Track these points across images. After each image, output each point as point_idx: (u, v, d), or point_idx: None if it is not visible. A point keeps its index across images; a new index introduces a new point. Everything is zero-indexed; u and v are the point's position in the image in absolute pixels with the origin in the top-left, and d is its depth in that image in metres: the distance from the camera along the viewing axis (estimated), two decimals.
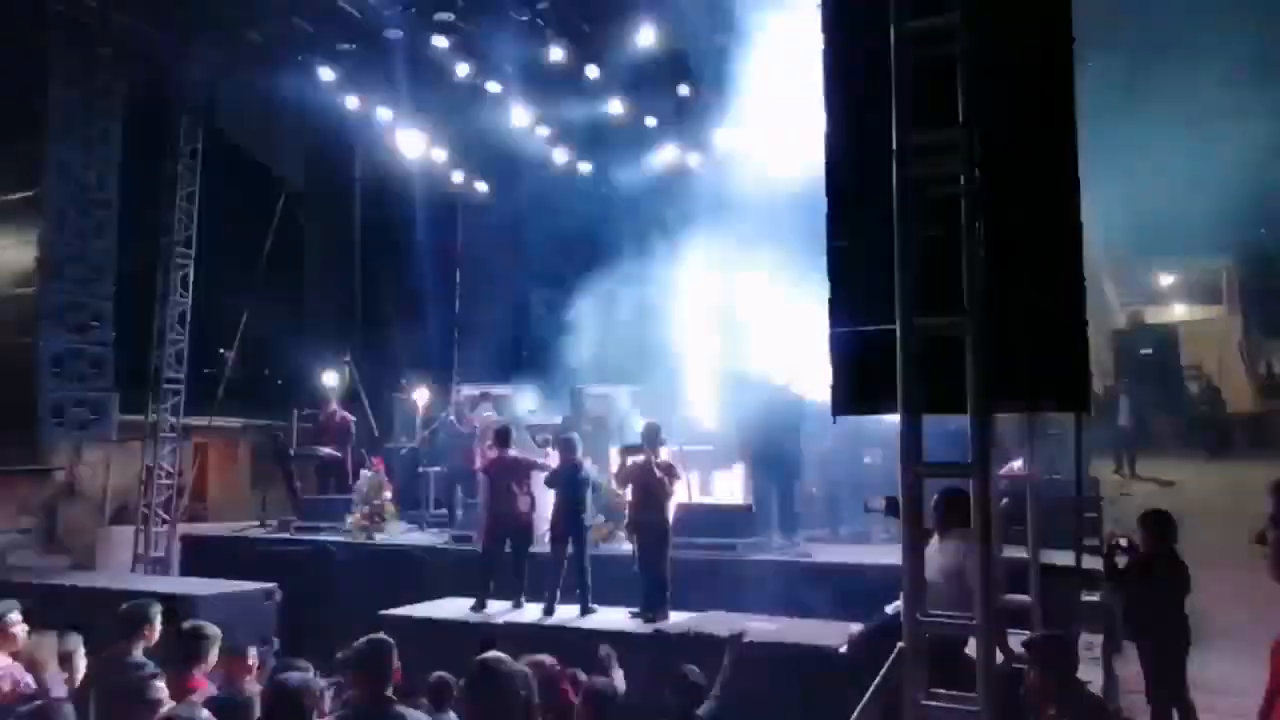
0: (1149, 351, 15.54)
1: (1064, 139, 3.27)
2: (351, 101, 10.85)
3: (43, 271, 8.48)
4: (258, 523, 10.85)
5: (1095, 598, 4.85)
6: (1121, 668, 4.62)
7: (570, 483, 6.77)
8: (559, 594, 6.64)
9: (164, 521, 10.15)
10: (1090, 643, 4.80)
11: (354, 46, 9.76)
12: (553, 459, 7.25)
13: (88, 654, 4.23)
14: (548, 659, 4.13)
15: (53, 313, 8.54)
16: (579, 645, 5.16)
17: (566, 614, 6.53)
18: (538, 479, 7.14)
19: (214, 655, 4.12)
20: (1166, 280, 20.55)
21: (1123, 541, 4.67)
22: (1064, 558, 5.54)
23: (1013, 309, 3.21)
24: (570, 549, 6.69)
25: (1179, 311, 20.12)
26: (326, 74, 10.37)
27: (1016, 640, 3.68)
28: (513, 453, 7.21)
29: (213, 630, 4.17)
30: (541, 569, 6.81)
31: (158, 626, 4.29)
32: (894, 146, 3.26)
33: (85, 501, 11.33)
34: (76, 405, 8.71)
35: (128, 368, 9.77)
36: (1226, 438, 13.57)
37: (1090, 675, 4.50)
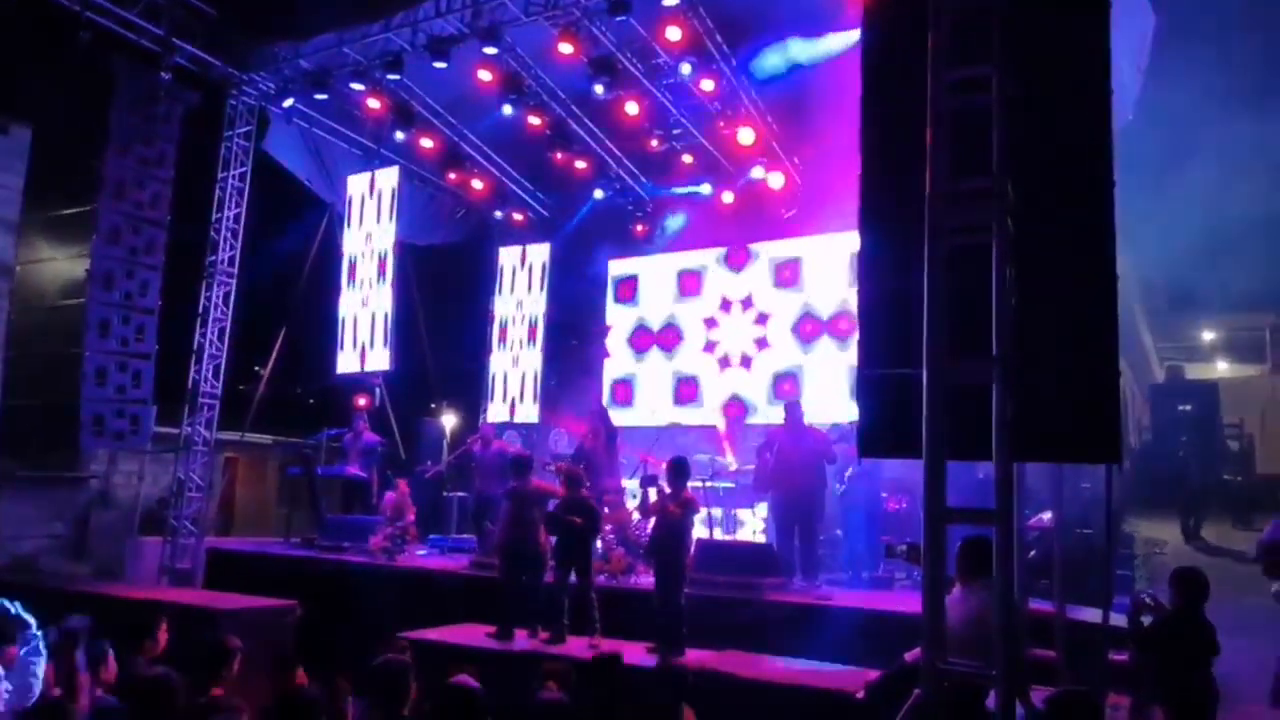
0: (1188, 407, 15.17)
1: (1100, 189, 3.28)
2: (397, 129, 11.16)
3: (92, 284, 8.75)
4: (282, 539, 10.98)
5: (1124, 657, 4.73)
6: None
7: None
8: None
9: (192, 534, 10.28)
10: (1117, 703, 4.67)
11: (401, 77, 10.04)
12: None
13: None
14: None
15: (99, 325, 8.79)
16: None
17: (579, 645, 6.49)
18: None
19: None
20: (1209, 336, 20.17)
21: (1148, 600, 4.56)
22: (1093, 614, 5.42)
23: (1043, 357, 3.20)
24: (573, 579, 6.72)
25: (1221, 368, 19.71)
26: (373, 102, 10.70)
27: (1040, 696, 3.60)
28: (533, 481, 7.23)
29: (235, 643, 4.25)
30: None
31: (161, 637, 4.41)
32: (928, 192, 3.29)
33: (117, 511, 11.56)
34: (116, 416, 8.93)
35: (166, 380, 9.99)
36: (1252, 507, 13.07)
37: None
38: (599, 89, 9.63)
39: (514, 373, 13.39)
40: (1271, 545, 5.67)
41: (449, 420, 14.16)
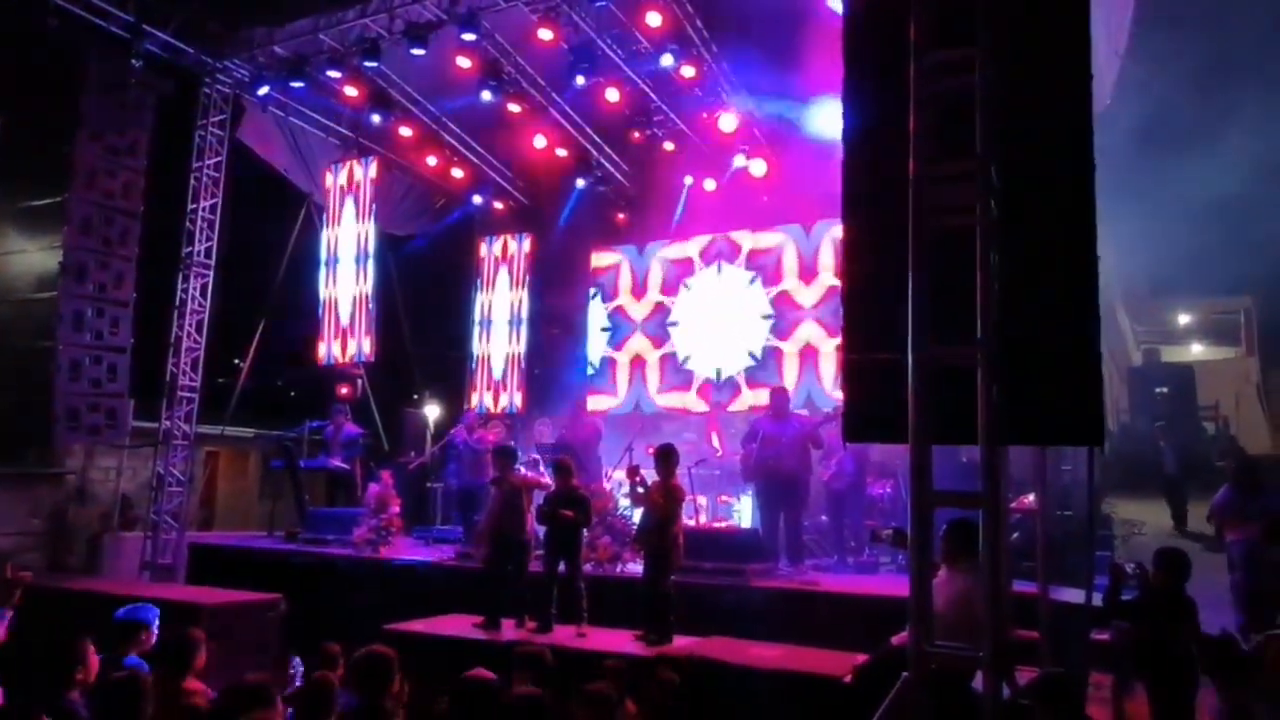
0: (1164, 390, 15.38)
1: (1081, 173, 3.28)
2: (374, 116, 11.03)
3: (65, 276, 8.60)
4: (265, 533, 10.89)
5: (1105, 636, 4.79)
6: (1131, 707, 4.55)
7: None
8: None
9: (173, 529, 10.18)
10: (1099, 682, 4.73)
11: (378, 64, 9.91)
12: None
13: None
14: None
15: (72, 317, 8.65)
16: (579, 665, 5.12)
17: (566, 634, 6.48)
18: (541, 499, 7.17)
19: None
20: (1185, 319, 20.47)
21: (1129, 566, 4.61)
22: (1075, 595, 5.48)
23: (1026, 341, 3.21)
24: (562, 568, 6.72)
25: (1196, 351, 20.01)
26: (351, 90, 10.56)
27: (1024, 677, 3.63)
28: (520, 471, 7.21)
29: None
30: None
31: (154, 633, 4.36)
32: (911, 176, 3.28)
33: (96, 506, 11.40)
34: (91, 410, 8.80)
35: (144, 374, 9.86)
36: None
37: (1101, 714, 4.43)
38: (579, 78, 9.56)
39: (497, 362, 13.33)
40: (1215, 508, 6.62)
41: (432, 411, 14.07)
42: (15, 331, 8.94)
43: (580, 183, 12.38)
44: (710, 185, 11.95)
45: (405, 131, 11.60)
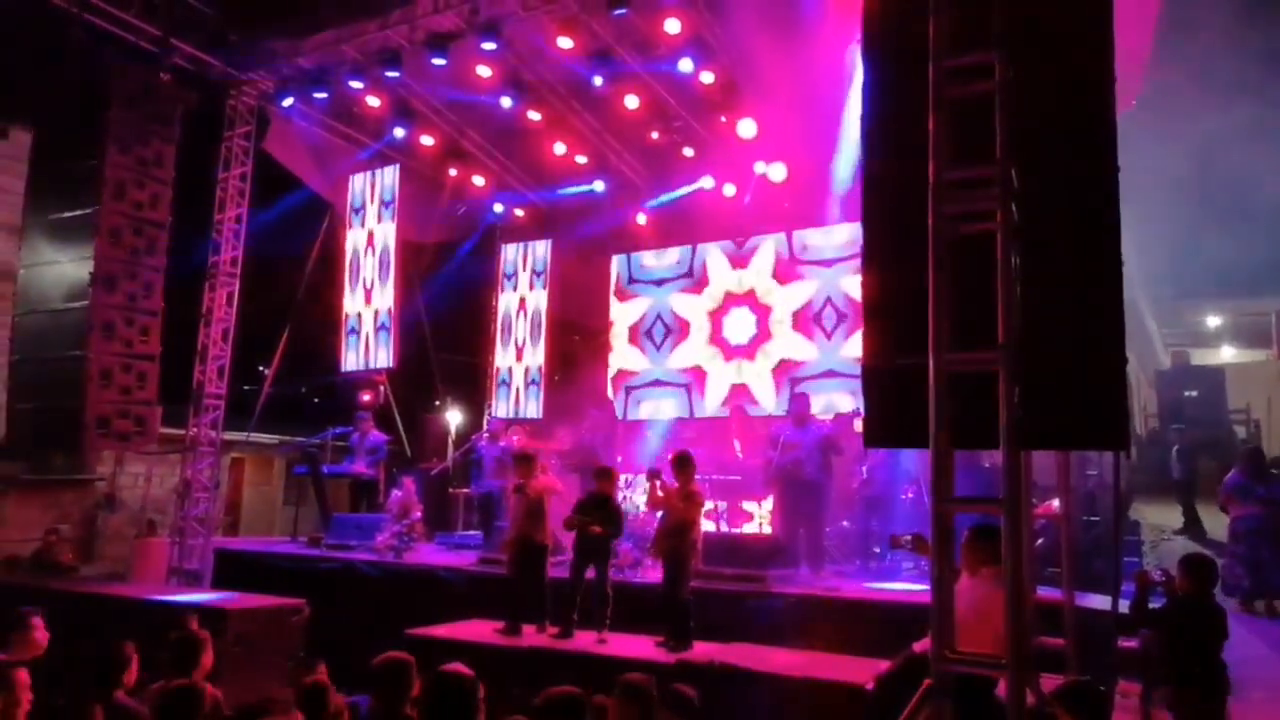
0: (1194, 393, 15.12)
1: (1104, 176, 3.24)
2: (396, 127, 11.14)
3: (95, 287, 8.76)
4: (289, 538, 11.00)
5: (1133, 644, 4.72)
6: (1159, 715, 4.47)
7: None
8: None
9: (199, 534, 10.31)
10: (1127, 691, 4.66)
11: (400, 74, 10.02)
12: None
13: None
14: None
15: (103, 326, 8.80)
16: (600, 671, 5.13)
17: (587, 640, 6.49)
18: (559, 503, 7.19)
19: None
20: (1214, 322, 20.13)
21: (1157, 574, 4.53)
22: (1101, 601, 5.41)
23: (1049, 345, 3.17)
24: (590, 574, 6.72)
25: (1227, 354, 19.67)
26: (373, 100, 10.67)
27: (1050, 685, 3.59)
28: (539, 477, 7.23)
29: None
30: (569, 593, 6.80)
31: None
32: (931, 180, 3.26)
33: (124, 512, 11.59)
34: (121, 417, 8.93)
35: (171, 382, 10.00)
36: None
37: None
38: (598, 81, 9.61)
39: (518, 369, 13.39)
40: (1224, 488, 7.42)
41: (453, 417, 14.17)
42: (47, 341, 9.11)
43: (599, 185, 12.42)
44: (730, 190, 11.94)
45: (427, 140, 11.72)
